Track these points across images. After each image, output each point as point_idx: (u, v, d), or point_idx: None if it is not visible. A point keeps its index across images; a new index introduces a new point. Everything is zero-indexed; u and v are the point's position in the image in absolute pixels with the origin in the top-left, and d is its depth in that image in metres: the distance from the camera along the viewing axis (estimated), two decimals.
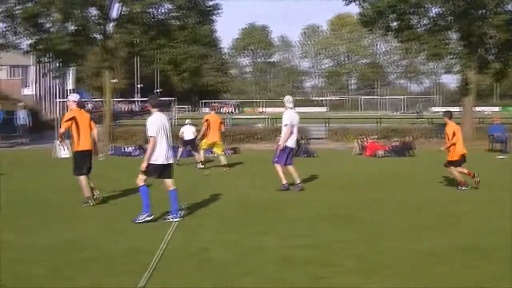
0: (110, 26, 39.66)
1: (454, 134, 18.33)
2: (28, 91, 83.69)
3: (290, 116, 17.85)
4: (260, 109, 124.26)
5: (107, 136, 37.82)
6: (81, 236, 11.41)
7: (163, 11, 39.67)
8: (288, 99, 18.44)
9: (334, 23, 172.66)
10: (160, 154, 12.98)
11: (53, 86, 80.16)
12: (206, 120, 24.97)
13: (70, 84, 41.20)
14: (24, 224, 12.65)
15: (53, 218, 13.16)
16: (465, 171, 18.26)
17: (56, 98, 69.03)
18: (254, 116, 74.09)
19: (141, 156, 29.85)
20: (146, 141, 36.23)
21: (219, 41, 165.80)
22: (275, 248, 10.50)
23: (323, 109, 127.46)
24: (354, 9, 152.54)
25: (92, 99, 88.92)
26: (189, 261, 9.64)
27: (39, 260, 9.70)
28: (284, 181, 17.56)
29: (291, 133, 17.73)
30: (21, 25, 37.80)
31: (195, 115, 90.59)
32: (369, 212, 14.14)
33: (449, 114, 19.03)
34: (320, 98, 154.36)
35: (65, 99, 63.26)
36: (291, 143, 17.85)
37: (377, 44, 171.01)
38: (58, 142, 28.70)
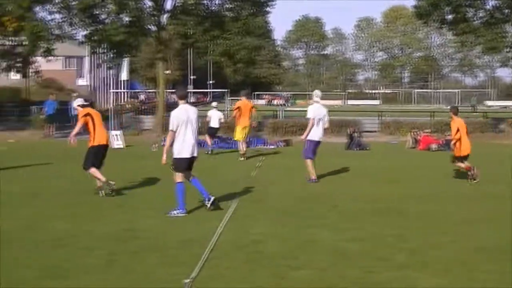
0: (164, 18, 39.94)
1: (458, 130, 18.35)
2: (82, 81, 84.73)
3: (314, 110, 18.07)
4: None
5: (160, 127, 38.10)
6: (135, 226, 11.51)
7: (217, 2, 39.79)
8: (316, 93, 18.75)
9: (388, 15, 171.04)
10: (184, 148, 12.83)
11: (107, 77, 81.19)
12: (238, 107, 25.10)
13: (124, 75, 41.48)
14: (79, 212, 12.82)
15: (107, 207, 13.31)
16: (465, 165, 18.59)
17: (110, 88, 70.00)
18: (306, 109, 73.84)
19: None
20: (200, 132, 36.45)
21: (272, 33, 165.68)
22: (328, 241, 10.47)
23: (376, 102, 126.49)
24: (408, 2, 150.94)
25: (146, 90, 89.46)
26: (241, 253, 9.66)
27: (95, 248, 9.82)
28: (313, 176, 17.88)
29: (316, 127, 17.99)
30: (76, 16, 38.26)
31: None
32: (422, 206, 14.01)
33: (454, 109, 19.20)
34: (373, 91, 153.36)
35: (119, 90, 63.82)
36: (316, 136, 18.04)
37: (431, 37, 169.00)
38: (114, 132, 29.08)
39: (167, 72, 48.75)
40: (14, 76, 55.98)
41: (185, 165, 12.94)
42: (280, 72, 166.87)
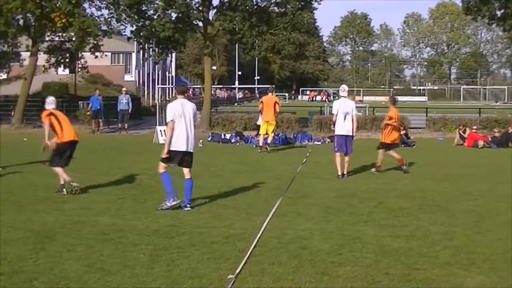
0: (211, 13, 40.05)
1: (391, 118, 19.28)
2: (129, 77, 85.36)
3: (340, 104, 18.22)
4: (359, 98, 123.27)
5: (206, 123, 38.26)
6: (180, 221, 11.54)
7: None
8: (342, 88, 18.81)
9: (436, 11, 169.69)
10: (177, 141, 12.67)
11: (153, 72, 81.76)
12: (261, 101, 26.25)
13: (171, 70, 41.80)
14: (124, 207, 12.90)
15: (152, 203, 13.36)
16: (397, 156, 19.43)
17: (156, 84, 70.48)
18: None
19: (238, 144, 30.25)
20: (245, 128, 36.88)
21: (319, 29, 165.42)
22: (373, 238, 10.40)
23: (423, 98, 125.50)
24: None
25: (193, 86, 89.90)
26: (286, 249, 9.62)
27: (140, 243, 9.87)
28: (339, 172, 17.93)
29: (342, 121, 18.06)
30: (124, 12, 38.54)
31: (294, 103, 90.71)
32: (468, 204, 13.85)
33: (393, 100, 20.45)
34: (420, 87, 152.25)
35: (166, 86, 64.06)
36: (343, 131, 18.07)
37: (479, 33, 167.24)
38: (160, 127, 29.27)
39: (214, 68, 48.86)
40: (62, 72, 56.60)
41: (178, 158, 12.77)
42: (326, 68, 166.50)
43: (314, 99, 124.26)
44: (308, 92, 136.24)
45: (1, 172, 18.09)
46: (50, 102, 15.28)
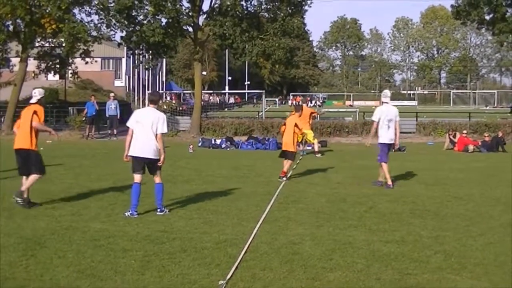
0: (201, 19, 40.07)
1: (284, 124, 19.47)
2: (120, 82, 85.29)
3: (382, 111, 17.39)
4: (349, 103, 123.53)
5: (196, 128, 38.24)
6: (170, 227, 11.53)
7: (254, 3, 39.80)
8: (384, 93, 17.98)
9: (426, 16, 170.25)
10: (134, 147, 12.83)
11: (143, 78, 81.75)
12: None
13: (162, 75, 41.84)
14: (115, 213, 12.88)
15: (143, 209, 13.33)
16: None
17: (147, 89, 70.41)
18: (342, 110, 73.73)
19: (228, 149, 30.27)
20: (235, 133, 36.95)
21: (309, 34, 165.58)
22: (364, 243, 10.41)
23: (413, 102, 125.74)
24: (446, 2, 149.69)
25: (183, 91, 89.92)
26: (277, 254, 9.63)
27: (131, 249, 9.85)
28: (390, 182, 17.14)
29: (386, 129, 17.28)
30: (114, 18, 38.51)
31: (284, 108, 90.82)
32: (459, 208, 13.89)
33: (298, 107, 20.40)
34: (410, 92, 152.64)
35: (156, 91, 64.11)
36: (387, 139, 17.34)
37: (469, 37, 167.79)
38: None
39: (204, 73, 48.85)
40: (52, 77, 56.54)
41: (139, 164, 12.91)
42: (316, 73, 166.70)
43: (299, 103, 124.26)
44: (290, 98, 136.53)
45: None
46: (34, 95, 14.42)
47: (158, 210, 12.94)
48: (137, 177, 12.91)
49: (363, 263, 9.20)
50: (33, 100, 14.29)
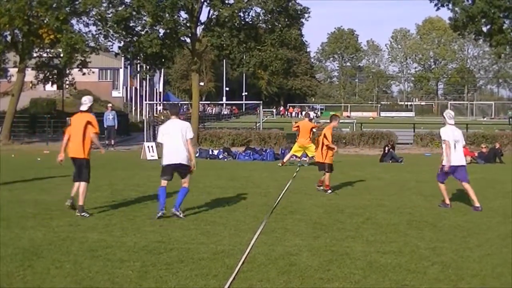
0: (199, 29, 40.14)
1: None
2: (117, 93, 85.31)
3: (448, 132, 16.42)
4: (346, 113, 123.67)
5: (193, 139, 38.18)
6: (168, 238, 11.53)
7: (252, 14, 39.90)
8: (448, 114, 16.96)
9: (423, 27, 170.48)
10: (166, 156, 13.93)
11: (141, 89, 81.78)
12: (298, 126, 26.99)
13: (159, 86, 41.92)
14: (112, 224, 12.87)
15: (141, 219, 13.35)
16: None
17: (144, 100, 70.43)
18: (340, 121, 73.76)
19: (225, 160, 30.29)
20: (233, 144, 36.93)
21: (307, 45, 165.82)
22: (362, 254, 10.41)
23: (410, 114, 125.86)
24: (443, 14, 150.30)
25: (181, 102, 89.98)
26: (275, 265, 9.62)
27: (128, 260, 9.84)
28: (447, 201, 16.13)
29: (454, 149, 16.25)
30: (112, 28, 38.58)
31: (282, 119, 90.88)
32: (456, 219, 13.89)
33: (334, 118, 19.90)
34: (407, 103, 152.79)
35: (154, 102, 64.00)
36: (454, 161, 16.19)
37: (466, 49, 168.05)
38: (148, 143, 29.27)
39: (201, 83, 48.89)
40: (50, 88, 56.57)
41: (168, 171, 13.98)
42: (314, 84, 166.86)
43: (292, 115, 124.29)
44: (281, 108, 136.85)
45: None
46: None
47: (174, 208, 13.62)
48: (164, 182, 13.96)
49: (361, 274, 9.20)
50: (83, 108, 14.61)
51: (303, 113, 29.90)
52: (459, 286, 8.69)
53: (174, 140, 13.78)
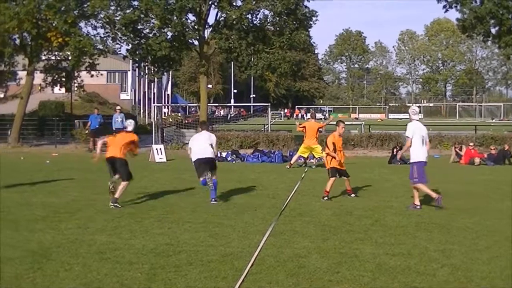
0: (207, 32, 40.14)
1: None
2: (125, 95, 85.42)
3: (415, 127, 16.56)
4: (354, 115, 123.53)
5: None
6: (176, 240, 11.54)
7: (260, 16, 39.88)
8: (413, 110, 17.12)
9: (431, 28, 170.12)
10: (193, 154, 17.00)
11: (148, 91, 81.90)
12: (304, 126, 26.96)
13: (168, 89, 41.94)
14: (121, 226, 12.89)
15: (149, 221, 13.37)
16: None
17: (152, 102, 70.55)
18: (348, 123, 73.68)
19: (234, 162, 30.27)
20: (241, 146, 37.01)
21: (315, 47, 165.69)
22: (371, 256, 10.40)
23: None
24: (451, 15, 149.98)
25: (189, 104, 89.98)
26: (284, 267, 9.62)
27: (137, 262, 9.86)
28: (435, 195, 16.01)
29: (423, 146, 16.48)
30: (120, 31, 38.62)
31: (290, 121, 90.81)
32: (465, 221, 13.83)
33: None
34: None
35: (162, 104, 64.05)
36: (424, 157, 16.49)
37: (475, 50, 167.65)
38: (156, 146, 29.31)
39: (209, 86, 48.94)
40: (59, 90, 56.71)
41: (200, 165, 16.80)
42: (322, 86, 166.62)
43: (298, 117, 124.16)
44: (286, 110, 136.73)
45: None
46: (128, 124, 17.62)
47: (213, 200, 16.52)
48: (202, 175, 16.85)
49: (370, 276, 9.19)
50: (129, 129, 17.27)
51: (308, 114, 29.83)
52: None
53: (202, 144, 17.04)
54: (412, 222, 13.68)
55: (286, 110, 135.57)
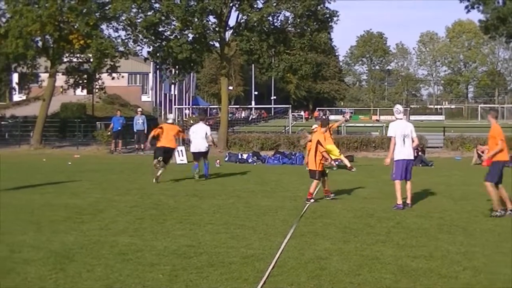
0: (228, 34, 40.17)
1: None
2: (146, 97, 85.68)
3: (396, 127, 16.60)
4: (375, 117, 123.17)
5: (223, 143, 38.23)
6: (198, 241, 11.55)
7: (281, 18, 39.87)
8: (396, 109, 17.18)
9: (453, 30, 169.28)
10: (192, 146, 23.45)
11: (170, 93, 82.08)
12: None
13: (192, 90, 42.05)
14: (143, 227, 12.93)
15: (171, 223, 13.40)
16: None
17: (173, 104, 70.73)
18: (369, 124, 73.50)
19: (255, 164, 30.27)
20: (262, 148, 36.96)
21: (336, 49, 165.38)
22: (392, 258, 10.36)
23: (440, 117, 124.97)
24: (473, 16, 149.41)
25: (210, 106, 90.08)
26: (305, 269, 9.60)
27: (158, 264, 9.88)
28: (399, 201, 16.11)
29: (404, 144, 16.40)
30: (141, 33, 38.74)
31: (310, 122, 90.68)
32: (488, 223, 13.75)
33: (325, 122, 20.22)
34: (437, 106, 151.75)
35: (183, 106, 64.00)
36: (403, 155, 16.46)
37: (497, 52, 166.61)
38: (178, 148, 29.46)
39: (230, 88, 48.96)
40: (80, 92, 57.02)
41: (196, 156, 23.28)
42: (342, 88, 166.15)
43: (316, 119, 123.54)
44: (304, 112, 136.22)
45: None
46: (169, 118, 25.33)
47: (205, 176, 22.95)
48: (195, 162, 23.24)
49: (391, 278, 9.16)
50: (170, 121, 24.14)
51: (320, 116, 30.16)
52: None
53: (199, 139, 23.12)
54: (434, 224, 13.62)
55: (303, 113, 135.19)
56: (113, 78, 43.07)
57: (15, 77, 54.99)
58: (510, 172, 26.50)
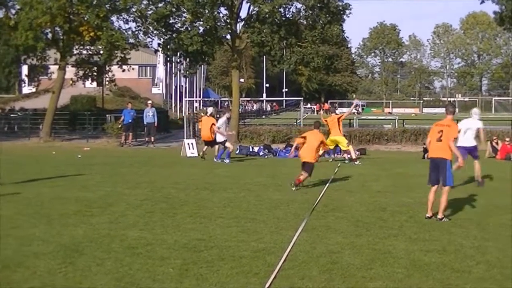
0: (239, 26, 40.05)
1: None
2: (157, 90, 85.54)
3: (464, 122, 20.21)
4: (388, 110, 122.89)
5: (234, 136, 38.12)
6: (209, 235, 11.47)
7: (293, 10, 39.71)
8: (474, 111, 19.99)
9: (467, 22, 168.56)
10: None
11: (181, 85, 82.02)
12: (325, 120, 26.87)
13: (202, 82, 41.97)
14: (153, 221, 12.86)
15: (181, 217, 13.32)
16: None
17: (184, 97, 70.62)
18: (381, 117, 73.26)
19: (266, 157, 30.18)
20: (273, 141, 36.95)
21: (348, 40, 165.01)
22: (405, 252, 10.26)
23: None
24: (487, 7, 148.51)
25: (221, 98, 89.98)
26: (316, 263, 9.52)
27: (169, 257, 9.81)
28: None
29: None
30: (151, 25, 38.67)
31: (317, 116, 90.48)
32: (501, 218, 13.62)
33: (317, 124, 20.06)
34: (450, 99, 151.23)
35: (194, 98, 63.97)
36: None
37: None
38: (188, 140, 29.59)
39: (242, 80, 48.87)
40: (90, 85, 57.06)
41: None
42: (354, 80, 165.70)
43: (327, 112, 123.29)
44: (315, 105, 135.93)
45: None
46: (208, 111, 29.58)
47: (215, 159, 26.66)
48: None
49: (404, 273, 9.06)
50: (209, 113, 28.43)
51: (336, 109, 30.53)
52: (505, 286, 8.51)
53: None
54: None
55: (315, 106, 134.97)
56: (123, 70, 43.00)
57: (25, 69, 55.11)
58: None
